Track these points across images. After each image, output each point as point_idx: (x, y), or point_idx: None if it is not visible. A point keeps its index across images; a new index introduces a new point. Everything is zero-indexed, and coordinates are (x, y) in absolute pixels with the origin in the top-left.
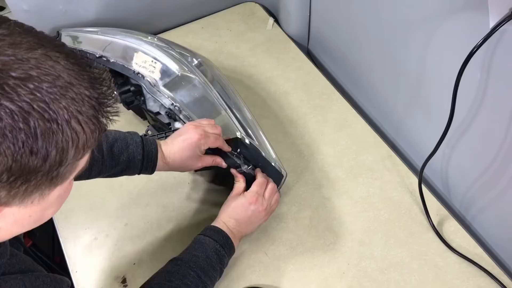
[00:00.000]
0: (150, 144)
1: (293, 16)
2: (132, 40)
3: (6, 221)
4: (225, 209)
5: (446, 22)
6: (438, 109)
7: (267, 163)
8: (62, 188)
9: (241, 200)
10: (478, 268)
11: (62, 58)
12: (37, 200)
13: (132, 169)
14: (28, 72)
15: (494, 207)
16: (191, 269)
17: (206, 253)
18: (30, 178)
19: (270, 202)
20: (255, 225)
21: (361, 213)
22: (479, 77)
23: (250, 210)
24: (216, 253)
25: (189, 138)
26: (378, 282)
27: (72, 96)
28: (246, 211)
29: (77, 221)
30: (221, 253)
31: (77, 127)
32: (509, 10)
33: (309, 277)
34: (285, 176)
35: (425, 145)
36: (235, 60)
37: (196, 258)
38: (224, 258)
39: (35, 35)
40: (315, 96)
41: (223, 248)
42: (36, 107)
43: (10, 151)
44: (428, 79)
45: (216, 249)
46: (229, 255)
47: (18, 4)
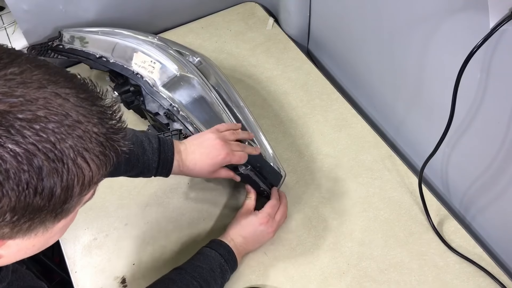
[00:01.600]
0: (167, 151)
1: (293, 16)
2: (131, 40)
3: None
4: (234, 226)
5: (446, 22)
6: (438, 109)
7: (265, 163)
8: (66, 220)
9: (252, 219)
10: (478, 268)
11: (72, 94)
12: (41, 233)
13: (146, 174)
14: (36, 113)
15: (494, 207)
16: (194, 279)
17: (210, 266)
18: (34, 216)
19: (279, 224)
20: (261, 244)
21: (361, 213)
22: (479, 77)
23: (260, 230)
24: (220, 267)
25: (215, 157)
26: (378, 282)
27: (79, 134)
28: (255, 231)
29: (77, 221)
30: (225, 267)
31: (83, 164)
32: (509, 10)
33: (309, 277)
34: (284, 176)
35: (425, 145)
36: (235, 60)
37: (200, 269)
38: (226, 273)
39: (46, 70)
40: (315, 96)
41: (227, 263)
42: (42, 148)
43: (14, 192)
44: (428, 79)
45: (221, 264)
46: (231, 271)
47: (18, 4)
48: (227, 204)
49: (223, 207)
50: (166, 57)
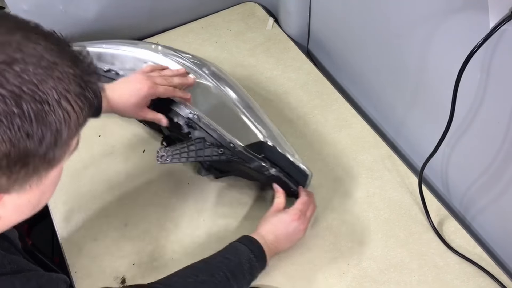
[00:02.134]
0: None
1: (293, 16)
2: (139, 51)
3: (6, 209)
4: (265, 224)
5: (446, 22)
6: (438, 109)
7: (292, 164)
8: (57, 170)
9: (283, 216)
10: (478, 268)
11: (41, 39)
12: (35, 184)
13: None
14: (13, 55)
15: (494, 207)
16: (221, 269)
17: (239, 259)
18: (28, 161)
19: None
20: (293, 243)
21: (361, 213)
22: (479, 77)
23: (292, 227)
24: (249, 262)
25: (139, 90)
26: (378, 282)
27: (58, 75)
28: (287, 228)
29: (77, 221)
30: (254, 263)
31: (68, 106)
32: (509, 10)
33: (309, 277)
34: (310, 176)
35: (425, 145)
36: (235, 60)
37: (227, 261)
38: (255, 270)
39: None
40: (315, 96)
41: (257, 260)
42: (26, 90)
43: (8, 136)
44: (428, 79)
45: (250, 259)
46: (260, 269)
47: (18, 4)
48: (227, 203)
49: (223, 207)
50: (178, 66)
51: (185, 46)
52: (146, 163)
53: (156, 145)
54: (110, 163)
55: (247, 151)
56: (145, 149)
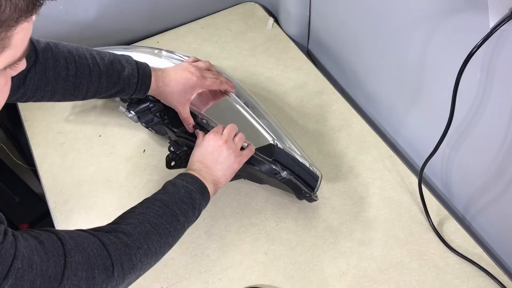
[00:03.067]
0: (145, 67)
1: (293, 16)
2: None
3: None
4: (190, 159)
5: (446, 22)
6: (438, 109)
7: (302, 167)
8: None
9: (199, 143)
10: (478, 268)
11: None
12: None
13: (127, 90)
14: None
15: (494, 207)
16: (157, 200)
17: (173, 189)
18: None
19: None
20: (224, 164)
21: (361, 213)
22: (479, 77)
23: (210, 146)
24: (184, 188)
25: (188, 78)
26: (378, 282)
27: None
28: (207, 148)
29: (77, 221)
30: (189, 188)
31: None
32: (509, 10)
33: (309, 277)
34: (320, 177)
35: (425, 145)
36: (235, 60)
37: (161, 195)
38: (193, 193)
39: None
40: (315, 96)
41: (191, 184)
42: None
43: None
44: (428, 79)
45: (183, 185)
46: (200, 193)
47: None
48: (227, 204)
49: (223, 207)
50: None
51: (185, 46)
52: (146, 163)
53: (156, 145)
54: (110, 163)
55: (258, 154)
56: (145, 149)
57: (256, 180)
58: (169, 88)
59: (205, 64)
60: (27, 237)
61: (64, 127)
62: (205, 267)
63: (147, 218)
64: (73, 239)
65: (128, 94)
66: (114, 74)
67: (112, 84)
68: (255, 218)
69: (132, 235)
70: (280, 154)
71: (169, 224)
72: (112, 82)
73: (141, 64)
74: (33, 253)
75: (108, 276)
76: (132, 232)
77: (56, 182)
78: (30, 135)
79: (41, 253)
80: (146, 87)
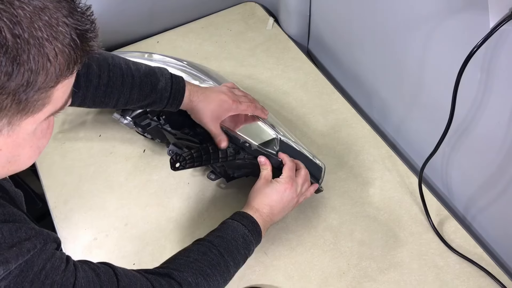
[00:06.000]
0: (179, 82)
1: (293, 16)
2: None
3: None
4: (257, 196)
5: (446, 22)
6: (438, 109)
7: (306, 159)
8: (35, 121)
9: (276, 185)
10: (478, 268)
11: None
12: (6, 130)
13: (159, 103)
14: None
15: (494, 207)
16: (214, 247)
17: (232, 236)
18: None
19: (302, 188)
20: (286, 212)
21: (361, 213)
22: (479, 77)
23: (286, 196)
24: (243, 237)
25: (223, 101)
26: (378, 282)
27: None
28: (282, 197)
29: (77, 221)
30: (249, 238)
31: (50, 52)
32: (509, 10)
33: (309, 277)
34: (324, 168)
35: (425, 145)
36: (235, 60)
37: (220, 239)
38: (250, 245)
39: None
40: (315, 96)
41: (252, 234)
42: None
43: None
44: (428, 79)
45: (244, 234)
46: (256, 243)
47: None
48: (227, 204)
49: (223, 207)
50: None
51: (185, 46)
52: (146, 163)
53: (156, 145)
54: (110, 163)
55: (263, 149)
56: (145, 149)
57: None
58: (203, 105)
59: (242, 92)
60: (86, 268)
61: (64, 127)
62: None
63: (201, 267)
64: (128, 278)
65: (160, 107)
66: (147, 86)
67: (144, 96)
68: None
69: (183, 285)
70: (284, 147)
71: (220, 276)
72: (144, 94)
73: (175, 78)
74: (90, 285)
75: None
76: (183, 282)
77: (56, 182)
78: None
79: (96, 286)
80: (178, 102)
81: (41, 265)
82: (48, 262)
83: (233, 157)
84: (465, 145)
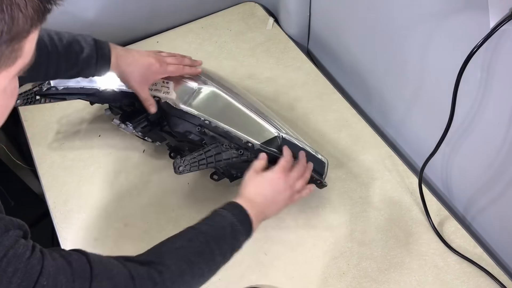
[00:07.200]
0: (104, 47)
1: (293, 16)
2: None
3: None
4: (248, 185)
5: (446, 22)
6: (438, 109)
7: (309, 155)
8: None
9: (267, 174)
10: (478, 268)
11: None
12: None
13: (87, 71)
14: None
15: (494, 207)
16: (201, 234)
17: (221, 224)
18: None
19: (295, 183)
20: (279, 206)
21: (361, 213)
22: (479, 77)
23: (277, 185)
24: (231, 226)
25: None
26: (378, 283)
27: None
28: (273, 187)
29: (77, 222)
30: (237, 227)
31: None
32: (509, 10)
33: (309, 277)
34: (327, 163)
35: (425, 145)
36: (235, 60)
37: (207, 227)
38: (239, 234)
39: None
40: (315, 96)
41: (241, 223)
42: None
43: None
44: (428, 79)
45: (232, 223)
46: (245, 234)
47: None
48: None
49: None
50: None
51: (185, 46)
52: (146, 163)
53: (156, 145)
54: (110, 163)
55: (266, 148)
56: (144, 149)
57: None
58: (131, 69)
59: (169, 54)
60: (56, 256)
61: (64, 127)
62: None
63: (186, 254)
64: (102, 265)
65: (89, 75)
66: (72, 55)
67: (71, 65)
68: None
69: (164, 273)
70: (287, 145)
71: (205, 264)
72: (71, 63)
73: (100, 44)
74: (59, 272)
75: None
76: (164, 270)
77: (55, 182)
78: (30, 135)
79: (67, 274)
80: (105, 67)
81: (2, 252)
82: (10, 249)
83: (237, 158)
84: (465, 145)
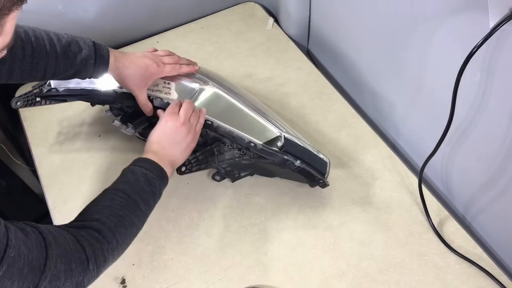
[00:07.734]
0: (103, 49)
1: (293, 16)
2: None
3: None
4: (147, 142)
5: (446, 22)
6: (438, 109)
7: (311, 155)
8: None
9: (158, 124)
10: (478, 268)
11: None
12: None
13: (85, 72)
14: None
15: (495, 207)
16: (119, 191)
17: (133, 178)
18: None
19: (188, 118)
20: (182, 145)
21: (361, 213)
22: (479, 77)
23: (168, 127)
24: (144, 176)
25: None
26: (378, 283)
27: None
28: (164, 130)
29: None
30: (150, 175)
31: None
32: (509, 10)
33: (309, 277)
34: (328, 163)
35: (425, 145)
36: (235, 60)
37: (122, 184)
38: (153, 180)
39: None
40: (315, 96)
41: (151, 171)
42: None
43: None
44: (428, 79)
45: (143, 173)
46: (160, 179)
47: None
48: (227, 204)
49: (223, 207)
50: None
51: (185, 46)
52: None
53: None
54: (110, 163)
55: (268, 148)
56: None
57: (266, 174)
58: (128, 71)
59: (164, 52)
60: (15, 228)
61: (64, 127)
62: (205, 268)
63: (112, 211)
64: (51, 234)
65: (87, 76)
66: (71, 56)
67: (69, 65)
68: (255, 218)
69: (102, 231)
70: (289, 145)
71: (133, 214)
72: (69, 63)
73: (99, 46)
74: (21, 243)
75: (84, 269)
76: (101, 228)
77: (55, 182)
78: (30, 135)
79: (27, 244)
80: (103, 69)
81: None
82: None
83: (239, 158)
84: (465, 145)
